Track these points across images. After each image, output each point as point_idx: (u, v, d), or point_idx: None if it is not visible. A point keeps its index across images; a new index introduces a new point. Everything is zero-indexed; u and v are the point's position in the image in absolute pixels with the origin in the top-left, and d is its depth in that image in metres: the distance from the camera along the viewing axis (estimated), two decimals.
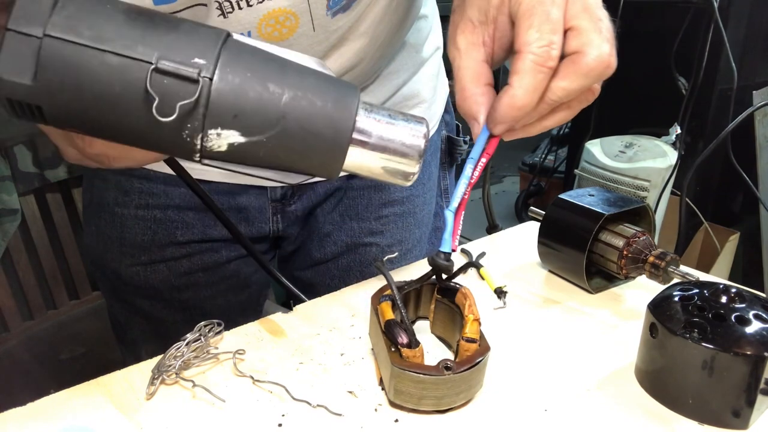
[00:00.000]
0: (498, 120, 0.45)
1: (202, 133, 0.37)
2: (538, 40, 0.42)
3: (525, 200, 2.93)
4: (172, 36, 0.37)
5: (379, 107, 0.42)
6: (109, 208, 0.75)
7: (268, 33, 0.56)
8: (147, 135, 0.38)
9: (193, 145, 0.38)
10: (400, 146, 0.41)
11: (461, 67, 0.46)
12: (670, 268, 0.58)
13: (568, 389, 0.50)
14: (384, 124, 0.41)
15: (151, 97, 0.36)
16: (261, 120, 0.38)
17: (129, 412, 0.46)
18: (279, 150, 0.39)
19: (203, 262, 0.77)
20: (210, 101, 0.37)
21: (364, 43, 0.63)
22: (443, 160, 0.87)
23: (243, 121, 0.38)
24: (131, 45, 0.36)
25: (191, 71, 0.36)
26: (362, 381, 0.50)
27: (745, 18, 1.94)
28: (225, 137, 0.38)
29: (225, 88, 0.37)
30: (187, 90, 0.36)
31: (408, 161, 0.42)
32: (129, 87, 0.36)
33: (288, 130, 0.38)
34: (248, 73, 0.38)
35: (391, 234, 0.80)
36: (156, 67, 0.36)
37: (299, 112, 0.38)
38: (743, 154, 1.87)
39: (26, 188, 1.32)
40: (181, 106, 0.36)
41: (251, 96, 0.37)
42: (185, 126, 0.37)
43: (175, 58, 0.36)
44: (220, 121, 0.37)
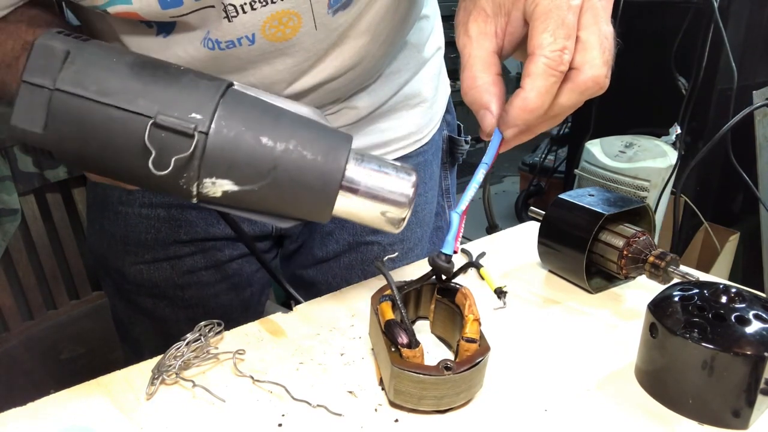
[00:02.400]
0: (510, 123, 0.45)
1: (198, 182, 0.40)
2: (552, 44, 0.42)
3: (525, 200, 2.93)
4: (173, 89, 0.39)
5: (370, 157, 0.43)
6: (113, 207, 0.75)
7: (272, 34, 0.56)
8: (146, 182, 0.41)
9: (189, 191, 0.40)
10: (388, 194, 0.43)
11: (472, 56, 0.46)
12: (670, 268, 0.58)
13: (568, 389, 0.50)
14: (374, 173, 0.42)
15: (147, 151, 0.38)
16: (253, 171, 0.40)
17: (129, 412, 0.46)
18: (270, 198, 0.41)
19: (206, 261, 0.77)
20: (205, 153, 0.39)
21: (365, 41, 0.63)
22: (444, 159, 0.87)
23: (236, 172, 0.40)
24: (133, 99, 0.38)
25: (188, 126, 0.38)
26: (362, 381, 0.50)
27: (745, 18, 1.94)
28: (219, 186, 0.40)
29: (220, 141, 0.39)
30: (183, 144, 0.38)
31: (397, 209, 0.43)
32: (129, 139, 0.39)
33: (278, 181, 0.40)
34: (242, 127, 0.39)
35: (392, 233, 0.80)
36: (155, 121, 0.38)
37: (290, 165, 0.40)
38: (743, 154, 1.87)
39: (26, 188, 1.31)
40: (176, 160, 0.38)
41: (244, 149, 0.39)
42: (181, 175, 0.39)
43: (173, 113, 0.38)
44: (214, 172, 0.39)
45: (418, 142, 0.79)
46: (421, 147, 0.80)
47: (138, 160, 0.39)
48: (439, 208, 0.88)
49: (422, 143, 0.80)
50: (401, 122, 0.77)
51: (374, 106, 0.73)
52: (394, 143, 0.77)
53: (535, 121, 0.45)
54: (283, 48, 0.58)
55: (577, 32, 0.43)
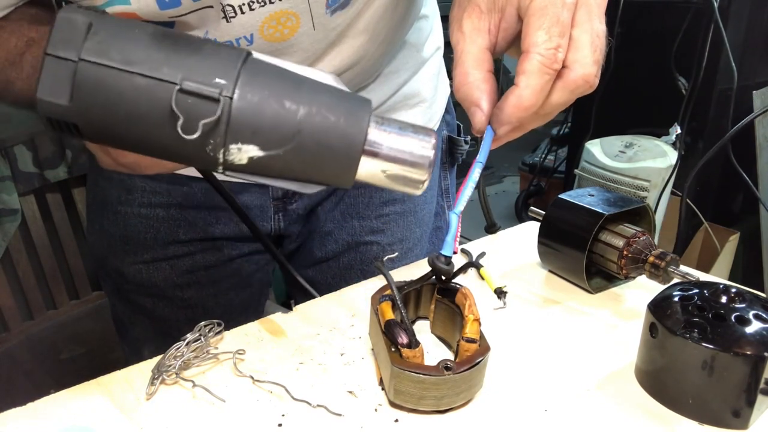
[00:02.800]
0: (504, 120, 0.45)
1: (224, 148, 0.40)
2: (546, 42, 0.42)
3: (525, 200, 2.93)
4: (195, 57, 0.39)
5: (390, 120, 0.43)
6: (113, 207, 0.75)
7: (270, 34, 0.56)
8: (173, 150, 0.41)
9: (215, 158, 0.40)
10: (409, 156, 0.43)
11: (464, 51, 0.46)
12: (670, 268, 0.58)
13: (568, 389, 0.50)
14: (394, 135, 0.43)
15: (176, 116, 0.38)
16: (278, 135, 0.40)
17: (129, 412, 0.46)
18: (295, 163, 0.41)
19: (205, 261, 0.77)
20: (231, 119, 0.39)
21: (364, 40, 0.63)
22: (444, 159, 0.87)
23: (261, 137, 0.40)
24: (157, 67, 0.39)
25: (213, 91, 0.38)
26: (362, 381, 0.50)
27: (745, 18, 1.94)
28: (245, 151, 0.40)
29: (244, 106, 0.39)
30: (209, 109, 0.38)
31: (417, 170, 0.43)
32: (156, 106, 0.39)
33: (303, 145, 0.41)
34: (266, 91, 0.40)
35: (392, 232, 0.80)
36: (180, 87, 0.38)
37: (313, 127, 0.40)
38: (743, 154, 1.87)
39: (26, 188, 1.32)
40: (204, 125, 0.38)
41: (268, 113, 0.40)
42: (208, 142, 0.39)
43: (197, 78, 0.39)
44: (240, 137, 0.40)
45: None
46: None
47: (165, 127, 0.39)
48: (438, 208, 0.88)
49: None
50: None
51: (373, 107, 0.73)
52: None
53: (529, 119, 0.45)
54: (281, 48, 0.58)
55: (571, 30, 0.43)
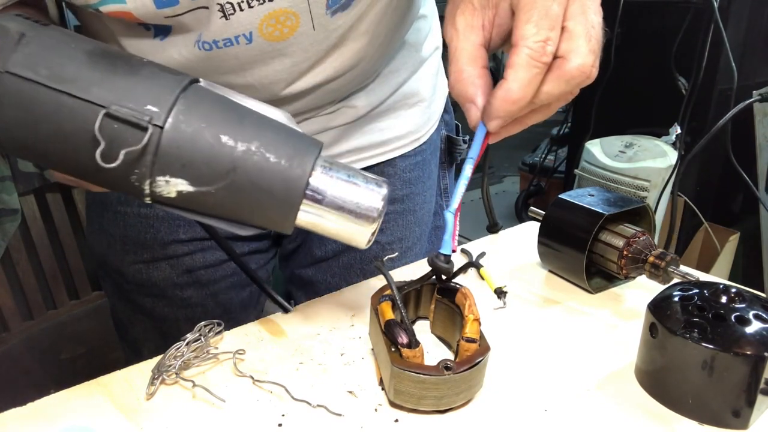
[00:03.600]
0: (493, 114, 0.44)
1: (150, 179, 0.38)
2: (535, 35, 0.42)
3: (525, 200, 2.93)
4: (131, 80, 0.37)
5: (339, 165, 0.41)
6: (112, 207, 0.75)
7: (269, 33, 0.56)
8: (95, 176, 0.38)
9: (141, 189, 0.38)
10: (355, 207, 0.40)
11: (458, 48, 0.46)
12: (670, 268, 0.58)
13: (568, 389, 0.50)
14: (341, 183, 0.40)
15: (97, 142, 0.36)
16: (210, 171, 0.38)
17: (129, 412, 0.46)
18: (228, 202, 0.39)
19: (205, 260, 0.77)
20: (159, 149, 0.37)
21: (365, 42, 0.63)
22: (443, 159, 0.87)
23: (192, 171, 0.38)
24: (86, 87, 0.36)
25: (142, 118, 0.36)
26: (362, 381, 0.50)
27: (745, 18, 1.94)
28: (173, 185, 0.38)
29: (176, 136, 0.37)
30: (135, 136, 0.36)
31: (363, 223, 0.41)
32: (80, 128, 0.36)
33: (238, 184, 0.38)
34: (203, 123, 0.38)
35: (391, 232, 0.80)
36: (107, 111, 0.36)
37: (251, 167, 0.38)
38: (743, 154, 1.87)
39: (26, 188, 1.32)
40: (126, 153, 0.36)
41: (202, 147, 0.37)
42: (132, 171, 0.37)
43: (128, 104, 0.36)
44: (168, 169, 0.37)
45: (417, 142, 0.79)
46: (420, 146, 0.80)
47: (87, 151, 0.37)
48: (437, 207, 0.88)
49: (420, 142, 0.80)
50: (399, 121, 0.77)
51: (372, 106, 0.73)
52: (393, 142, 0.77)
53: (520, 112, 0.45)
54: (281, 48, 0.58)
55: (563, 22, 0.43)
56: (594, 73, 0.44)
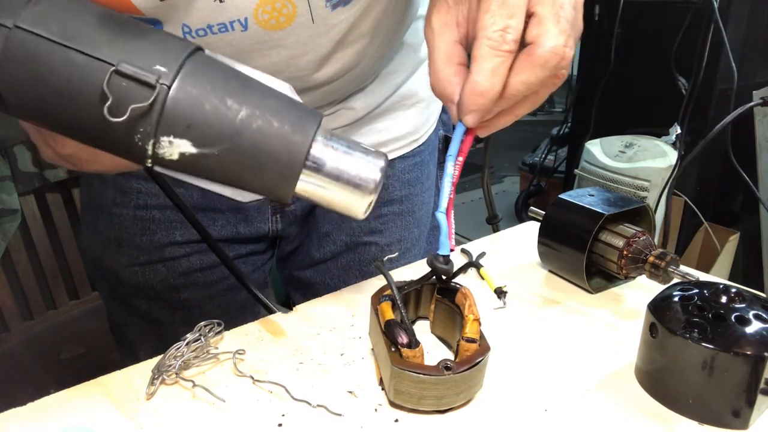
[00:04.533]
0: (466, 109, 0.44)
1: (154, 139, 0.38)
2: (493, 25, 0.42)
3: (525, 200, 2.93)
4: (140, 43, 0.38)
5: (339, 137, 0.42)
6: (108, 209, 0.75)
7: (265, 20, 0.56)
8: (101, 135, 0.39)
9: (144, 150, 0.39)
10: (354, 178, 0.41)
11: (435, 48, 0.46)
12: (670, 268, 0.58)
13: (568, 389, 0.50)
14: (341, 153, 0.41)
15: (105, 97, 0.36)
16: (214, 133, 0.38)
17: (129, 412, 0.46)
18: (230, 165, 0.39)
19: (202, 262, 0.77)
20: (165, 108, 0.37)
21: (365, 43, 0.63)
22: (440, 159, 0.87)
23: (196, 132, 0.38)
24: (96, 46, 0.37)
25: (150, 77, 0.37)
26: (362, 381, 0.50)
27: (745, 18, 1.94)
28: (177, 146, 0.38)
29: (182, 97, 0.38)
30: (142, 94, 0.37)
31: (360, 194, 0.41)
32: (88, 85, 0.37)
33: (241, 146, 0.39)
34: (208, 86, 0.38)
35: (390, 233, 0.80)
36: (116, 69, 0.36)
37: (254, 130, 0.39)
38: (743, 154, 1.87)
39: (26, 188, 1.32)
40: (133, 109, 0.36)
41: (207, 108, 0.38)
42: (137, 129, 0.38)
43: (137, 63, 0.37)
44: (172, 130, 0.38)
45: (415, 142, 0.79)
46: (418, 147, 0.80)
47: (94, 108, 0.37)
48: (435, 207, 0.88)
49: (419, 143, 0.80)
50: (398, 122, 0.77)
51: (371, 107, 0.73)
52: (391, 143, 0.77)
53: (494, 104, 0.44)
54: (277, 38, 0.58)
55: (531, 8, 0.42)
56: (568, 53, 0.43)
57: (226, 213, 0.75)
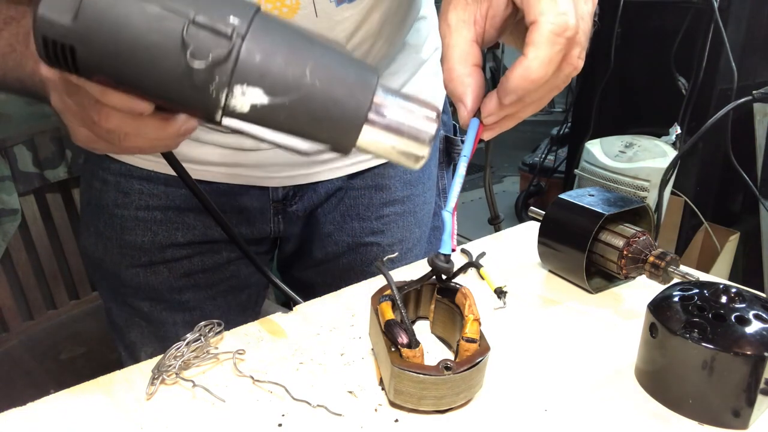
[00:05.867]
0: (509, 90, 0.43)
1: (228, 89, 0.39)
2: (554, 8, 0.41)
3: (525, 200, 2.93)
4: None
5: (396, 90, 0.43)
6: (109, 210, 0.75)
7: (267, 10, 0.56)
8: (176, 85, 0.40)
9: (217, 100, 0.40)
10: (412, 129, 0.42)
11: (450, 46, 0.46)
12: (670, 268, 0.58)
13: (568, 389, 0.50)
14: (399, 104, 0.42)
15: (186, 44, 0.38)
16: (285, 82, 0.40)
17: (129, 412, 0.46)
18: (299, 114, 0.41)
19: (203, 263, 0.77)
20: (239, 58, 0.39)
21: (370, 43, 0.63)
22: (441, 159, 0.87)
23: (268, 81, 0.40)
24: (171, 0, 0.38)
25: (225, 28, 0.38)
26: (362, 381, 0.50)
27: (745, 18, 1.94)
28: (249, 96, 0.40)
29: (255, 47, 0.39)
30: (219, 44, 0.38)
31: (418, 144, 0.43)
32: (165, 35, 0.38)
33: (310, 95, 0.40)
34: (278, 38, 0.40)
35: (391, 233, 0.80)
36: (193, 20, 0.38)
37: (322, 80, 0.40)
38: (743, 154, 1.87)
39: (26, 188, 1.32)
40: (213, 56, 0.38)
41: (278, 59, 0.40)
42: (213, 78, 0.39)
43: (212, 15, 0.38)
44: (246, 79, 0.39)
45: None
46: None
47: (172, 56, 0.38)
48: (436, 208, 0.88)
49: None
50: None
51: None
52: None
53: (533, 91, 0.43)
54: None
55: None
56: (579, 64, 0.43)
57: (228, 214, 0.75)
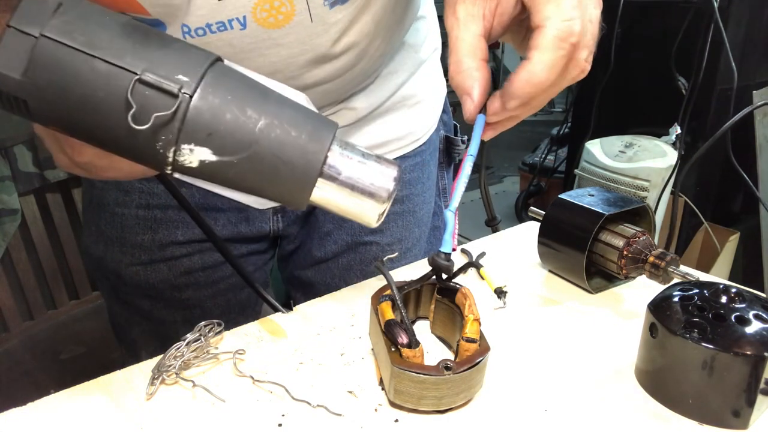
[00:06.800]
0: (513, 95, 0.43)
1: (175, 147, 0.39)
2: (559, 14, 0.41)
3: (525, 200, 2.93)
4: (163, 52, 0.39)
5: (353, 146, 0.43)
6: (110, 208, 0.75)
7: (263, 18, 0.56)
8: (123, 142, 0.40)
9: (165, 157, 0.39)
10: (368, 186, 0.42)
11: (459, 39, 0.46)
12: (670, 268, 0.58)
13: (568, 389, 0.50)
14: (356, 162, 0.42)
15: (129, 105, 0.37)
16: (234, 141, 0.39)
17: (129, 412, 0.46)
18: (249, 173, 0.40)
19: (203, 262, 0.77)
20: (186, 117, 0.38)
21: (365, 42, 0.63)
22: (441, 159, 0.87)
23: (216, 141, 0.39)
24: (120, 55, 0.38)
25: (172, 86, 0.38)
26: (362, 381, 0.50)
27: (745, 18, 1.94)
28: (197, 154, 0.39)
29: (203, 106, 0.39)
30: (165, 103, 0.38)
31: (375, 202, 0.42)
32: (112, 93, 0.38)
33: (259, 155, 0.40)
34: (228, 96, 0.39)
35: (391, 233, 0.80)
36: (140, 78, 0.37)
37: (272, 139, 0.40)
38: (743, 154, 1.87)
39: (26, 188, 1.32)
40: (156, 117, 0.37)
41: (228, 117, 0.39)
42: (159, 137, 0.39)
43: (160, 72, 0.38)
44: (193, 138, 0.39)
45: (416, 143, 0.79)
46: (419, 147, 0.80)
47: (117, 115, 0.38)
48: (436, 207, 0.88)
49: (420, 143, 0.80)
50: (399, 123, 0.77)
51: (372, 107, 0.73)
52: (392, 144, 0.77)
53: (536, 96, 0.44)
54: (276, 37, 0.58)
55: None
56: (587, 67, 0.43)
57: (227, 212, 0.75)
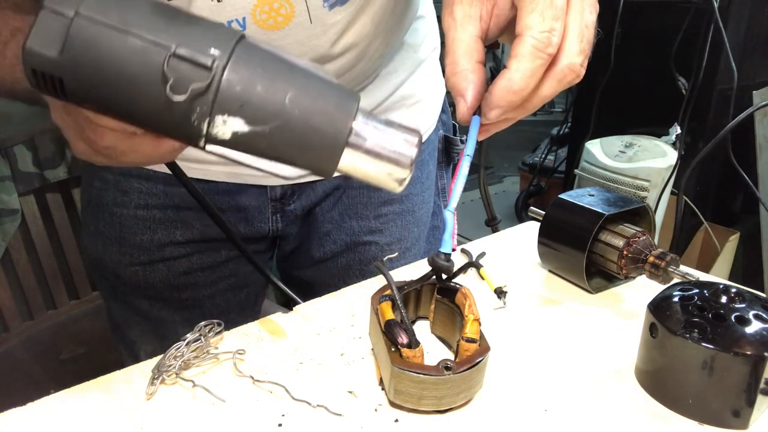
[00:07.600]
0: (494, 104, 0.44)
1: (209, 119, 0.40)
2: (540, 25, 0.41)
3: (525, 200, 2.93)
4: (193, 28, 0.41)
5: (376, 116, 0.44)
6: (108, 209, 0.75)
7: (262, 20, 0.56)
8: (158, 115, 0.41)
9: (199, 129, 0.41)
10: (392, 153, 0.43)
11: (455, 39, 0.46)
12: (670, 268, 0.58)
13: (568, 389, 0.50)
14: (380, 130, 0.43)
15: (166, 78, 0.39)
16: (265, 111, 0.41)
17: (129, 412, 0.46)
18: (279, 142, 0.42)
19: (202, 262, 0.77)
20: (220, 89, 0.40)
21: (365, 43, 0.63)
22: (440, 159, 0.87)
23: (249, 111, 0.41)
24: (154, 31, 0.39)
25: (206, 59, 0.39)
26: (362, 381, 0.50)
27: (745, 18, 1.94)
28: (230, 125, 0.41)
29: (235, 78, 0.40)
30: (200, 75, 0.39)
31: (399, 168, 0.44)
32: (147, 68, 0.39)
33: (289, 124, 0.41)
34: (258, 68, 0.41)
35: (390, 232, 0.80)
36: (174, 52, 0.39)
37: (301, 108, 0.41)
38: (743, 154, 1.86)
39: (26, 188, 1.32)
40: (193, 88, 0.39)
41: (259, 88, 0.40)
42: (194, 109, 0.40)
43: (193, 46, 0.39)
44: (227, 109, 0.40)
45: None
46: None
47: (153, 89, 0.40)
48: (435, 207, 0.88)
49: None
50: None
51: (371, 107, 0.73)
52: None
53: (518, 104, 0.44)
54: (276, 39, 0.58)
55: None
56: (582, 72, 0.44)
57: (226, 212, 0.75)
